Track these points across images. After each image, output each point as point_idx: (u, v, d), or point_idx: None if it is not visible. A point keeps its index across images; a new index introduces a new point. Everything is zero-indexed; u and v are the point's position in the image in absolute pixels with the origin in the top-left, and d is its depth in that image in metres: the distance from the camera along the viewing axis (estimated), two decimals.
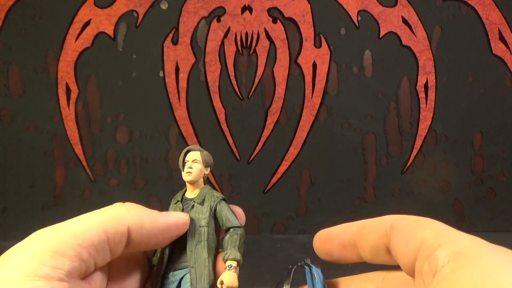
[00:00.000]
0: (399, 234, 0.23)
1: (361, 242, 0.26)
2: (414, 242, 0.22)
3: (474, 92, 0.69)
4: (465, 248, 0.20)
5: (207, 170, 0.30)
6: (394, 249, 0.24)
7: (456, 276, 0.18)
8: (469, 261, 0.19)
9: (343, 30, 0.67)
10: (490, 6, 0.68)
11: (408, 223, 0.24)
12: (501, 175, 0.71)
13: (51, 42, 0.65)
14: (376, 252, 0.25)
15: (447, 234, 0.21)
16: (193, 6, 0.66)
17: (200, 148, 0.30)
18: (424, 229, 0.22)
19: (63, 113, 0.66)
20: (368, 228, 0.26)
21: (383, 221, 0.25)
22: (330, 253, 0.28)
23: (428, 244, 0.21)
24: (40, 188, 0.67)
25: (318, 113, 0.69)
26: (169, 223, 0.26)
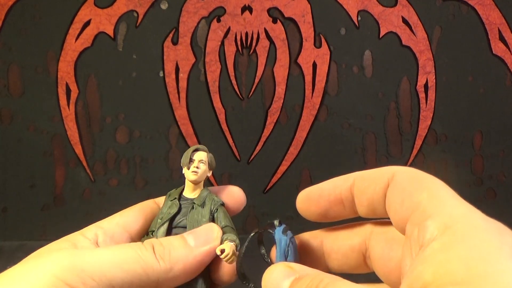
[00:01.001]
0: (396, 190, 0.22)
1: (360, 195, 0.24)
2: (409, 204, 0.20)
3: (474, 92, 0.69)
4: (457, 223, 0.18)
5: (209, 172, 0.30)
6: (388, 205, 0.22)
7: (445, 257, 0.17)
8: (459, 240, 0.17)
9: (343, 30, 0.67)
10: (490, 6, 0.68)
11: (408, 179, 0.22)
12: (501, 175, 0.71)
13: (51, 42, 0.65)
14: (375, 206, 0.23)
15: (442, 201, 0.20)
16: (193, 6, 0.66)
17: (207, 150, 0.30)
18: (422, 191, 0.21)
19: (63, 113, 0.66)
20: (367, 180, 0.24)
21: (384, 172, 0.23)
22: (322, 212, 0.25)
23: (421, 209, 0.20)
24: (40, 188, 0.67)
25: (318, 113, 0.69)
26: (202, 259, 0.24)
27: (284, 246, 0.26)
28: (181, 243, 0.24)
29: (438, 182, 0.21)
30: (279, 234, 0.26)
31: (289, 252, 0.26)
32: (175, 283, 0.24)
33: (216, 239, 0.25)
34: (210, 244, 0.25)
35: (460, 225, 0.18)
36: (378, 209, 0.23)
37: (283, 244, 0.26)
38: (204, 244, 0.24)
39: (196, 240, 0.25)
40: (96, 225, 0.27)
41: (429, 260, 0.17)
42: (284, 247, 0.26)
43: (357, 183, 0.24)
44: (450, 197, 0.20)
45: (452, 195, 0.20)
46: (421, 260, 0.18)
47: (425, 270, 0.17)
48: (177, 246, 0.24)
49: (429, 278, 0.17)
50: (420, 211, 0.20)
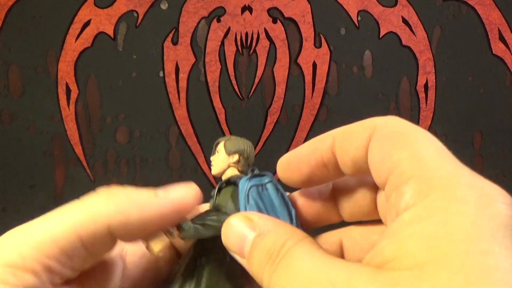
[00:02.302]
0: (376, 146, 0.19)
1: (342, 155, 0.21)
2: (388, 163, 0.18)
3: (474, 92, 0.69)
4: (436, 190, 0.15)
5: (232, 157, 0.27)
6: (370, 162, 0.19)
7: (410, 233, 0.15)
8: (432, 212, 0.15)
9: (343, 30, 0.67)
10: (490, 6, 0.68)
11: (388, 134, 0.19)
12: (501, 175, 0.71)
13: (51, 42, 0.65)
14: (360, 165, 0.20)
15: (424, 161, 0.17)
16: (193, 6, 0.66)
17: (229, 137, 0.27)
18: (403, 148, 0.17)
19: (63, 113, 0.66)
20: (348, 137, 0.21)
21: (366, 126, 0.20)
22: (304, 178, 0.22)
23: (400, 171, 0.17)
24: (40, 188, 0.67)
25: (318, 113, 0.69)
26: (166, 208, 0.21)
27: (244, 194, 0.22)
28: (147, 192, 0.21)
29: (423, 136, 0.18)
30: (243, 181, 0.23)
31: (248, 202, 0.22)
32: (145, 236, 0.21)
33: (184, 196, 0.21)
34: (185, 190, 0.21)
35: (437, 194, 0.15)
36: (363, 168, 0.20)
37: (243, 192, 0.23)
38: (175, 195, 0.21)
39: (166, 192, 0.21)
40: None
41: (394, 235, 0.15)
42: (243, 194, 0.23)
43: (338, 141, 0.21)
44: (434, 156, 0.17)
45: (437, 152, 0.17)
46: (388, 233, 0.16)
47: (387, 246, 0.15)
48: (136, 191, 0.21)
49: (389, 256, 0.15)
50: (398, 173, 0.17)
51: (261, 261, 0.18)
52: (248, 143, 0.27)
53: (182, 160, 0.68)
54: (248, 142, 0.27)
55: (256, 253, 0.19)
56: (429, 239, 0.14)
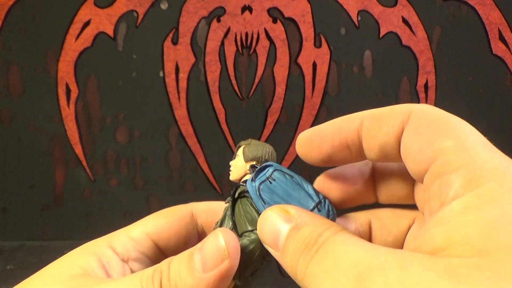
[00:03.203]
0: (413, 134, 0.18)
1: (369, 139, 0.20)
2: (429, 151, 0.17)
3: (474, 92, 0.69)
4: (487, 180, 0.15)
5: (248, 164, 0.25)
6: (404, 152, 0.19)
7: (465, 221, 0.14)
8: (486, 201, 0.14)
9: (343, 30, 0.67)
10: (490, 6, 0.68)
11: (428, 121, 0.18)
12: None
13: (51, 42, 0.65)
14: (387, 151, 0.20)
15: (472, 151, 0.16)
16: (193, 6, 0.66)
17: (251, 141, 0.26)
18: (446, 137, 0.17)
19: (63, 113, 0.66)
20: (378, 121, 0.20)
21: (399, 112, 0.19)
22: (325, 157, 0.22)
23: (445, 159, 0.16)
24: (40, 188, 0.67)
25: (318, 113, 0.69)
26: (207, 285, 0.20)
27: (255, 196, 0.22)
28: (189, 272, 0.20)
29: (466, 125, 0.18)
30: (249, 184, 0.22)
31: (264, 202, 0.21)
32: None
33: (225, 257, 0.20)
34: (220, 267, 0.20)
35: (490, 184, 0.15)
36: (390, 154, 0.20)
37: (253, 194, 0.22)
38: (213, 266, 0.20)
39: (203, 262, 0.20)
40: (128, 234, 0.25)
41: (446, 223, 0.15)
42: (255, 197, 0.22)
43: (366, 125, 0.21)
44: (481, 146, 0.17)
45: (483, 143, 0.17)
46: (437, 221, 0.15)
47: (437, 233, 0.15)
48: (185, 277, 0.20)
49: (441, 244, 0.14)
50: (443, 162, 0.17)
51: (296, 251, 0.18)
52: (267, 149, 0.26)
53: (182, 160, 0.68)
54: (268, 148, 0.26)
55: (291, 243, 0.18)
56: (488, 227, 0.14)
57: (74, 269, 0.21)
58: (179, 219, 0.26)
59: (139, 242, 0.25)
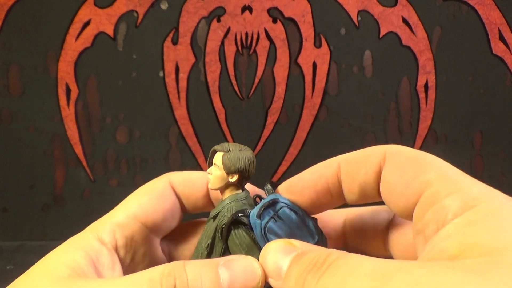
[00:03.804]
0: (395, 172, 0.19)
1: (348, 181, 0.21)
2: (416, 184, 0.18)
3: (474, 92, 0.69)
4: (480, 201, 0.17)
5: (231, 177, 0.24)
6: (386, 190, 0.20)
7: (472, 231, 0.15)
8: (486, 216, 0.16)
9: (343, 30, 0.67)
10: (490, 6, 0.68)
11: (406, 159, 0.20)
12: (501, 175, 0.71)
13: (51, 42, 0.65)
14: (367, 191, 0.21)
15: (456, 180, 0.18)
16: (193, 6, 0.66)
17: (228, 148, 0.24)
18: (429, 170, 0.19)
19: (63, 113, 0.66)
20: (355, 164, 0.21)
21: (374, 153, 0.21)
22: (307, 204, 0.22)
23: (434, 189, 0.18)
24: (40, 188, 0.67)
25: (318, 113, 0.69)
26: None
27: (260, 233, 0.21)
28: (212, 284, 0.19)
29: (441, 160, 0.19)
30: (253, 219, 0.21)
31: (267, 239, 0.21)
32: None
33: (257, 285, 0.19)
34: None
35: (484, 204, 0.16)
36: (370, 194, 0.21)
37: (258, 231, 0.21)
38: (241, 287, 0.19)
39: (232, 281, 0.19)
40: (112, 221, 0.24)
41: (454, 235, 0.16)
42: (259, 234, 0.21)
43: (344, 168, 0.22)
44: (462, 176, 0.18)
45: (461, 173, 0.19)
46: (443, 236, 0.16)
47: (449, 245, 0.16)
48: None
49: (454, 252, 0.15)
50: (433, 192, 0.18)
51: (301, 272, 0.18)
52: (249, 157, 0.24)
53: (182, 160, 0.68)
54: (250, 156, 0.24)
55: (296, 267, 0.18)
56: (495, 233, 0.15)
57: (61, 270, 0.20)
58: (160, 195, 0.26)
59: (126, 226, 0.25)
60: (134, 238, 0.25)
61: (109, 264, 0.23)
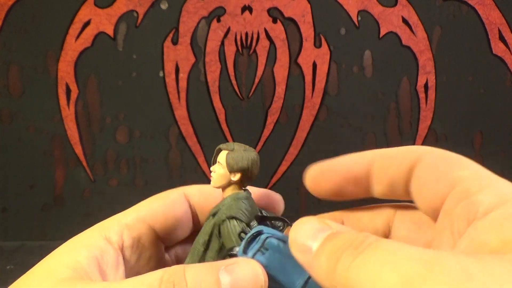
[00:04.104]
0: (428, 167, 0.20)
1: (380, 174, 0.21)
2: (447, 180, 0.18)
3: (474, 92, 0.69)
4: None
5: (234, 175, 0.24)
6: (418, 184, 0.20)
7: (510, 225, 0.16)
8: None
9: (343, 30, 0.67)
10: (490, 6, 0.68)
11: (440, 157, 0.20)
12: (501, 175, 0.71)
13: (51, 42, 0.65)
14: (395, 186, 0.21)
15: (488, 177, 0.18)
16: (193, 6, 0.66)
17: (233, 147, 0.24)
18: (461, 167, 0.19)
19: (63, 113, 0.66)
20: (390, 159, 0.21)
21: (410, 152, 0.21)
22: (335, 189, 0.22)
23: (466, 184, 0.18)
24: (40, 188, 0.67)
25: (318, 113, 0.69)
26: None
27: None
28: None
29: (474, 163, 0.19)
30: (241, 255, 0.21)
31: None
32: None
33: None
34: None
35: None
36: (398, 190, 0.21)
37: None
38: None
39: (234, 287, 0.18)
40: (120, 222, 0.24)
41: (493, 229, 0.16)
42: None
43: (378, 161, 0.22)
44: (494, 176, 0.19)
45: (494, 175, 0.19)
46: (482, 230, 0.16)
47: (490, 238, 0.16)
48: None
49: (497, 245, 0.15)
50: (464, 187, 0.18)
51: (336, 250, 0.17)
52: (252, 157, 0.24)
53: (182, 160, 0.68)
54: (253, 156, 0.24)
55: (329, 244, 0.17)
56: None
57: (63, 271, 0.20)
58: (173, 202, 0.26)
59: (134, 227, 0.24)
60: (141, 240, 0.25)
61: (113, 263, 0.23)
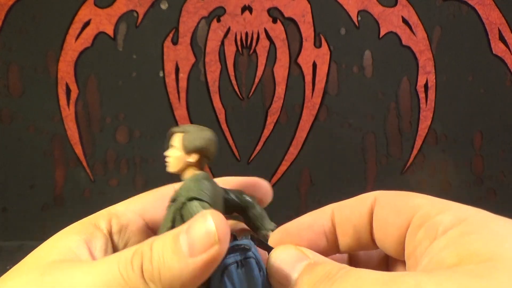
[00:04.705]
0: (386, 205, 0.20)
1: (343, 224, 0.22)
2: (407, 210, 0.19)
3: (474, 92, 0.69)
4: (470, 216, 0.18)
5: (191, 156, 0.23)
6: (379, 223, 0.20)
7: (465, 242, 0.16)
8: (477, 228, 0.17)
9: (343, 30, 0.67)
10: (490, 6, 0.68)
11: (395, 194, 0.21)
12: (501, 175, 0.71)
13: (51, 42, 0.65)
14: (360, 233, 0.21)
15: (444, 202, 0.19)
16: (193, 6, 0.66)
17: (187, 128, 0.23)
18: (416, 198, 0.20)
19: (63, 113, 0.66)
20: (348, 207, 0.22)
21: (365, 197, 0.22)
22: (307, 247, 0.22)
23: (424, 211, 0.19)
24: (40, 188, 0.67)
25: (318, 113, 0.69)
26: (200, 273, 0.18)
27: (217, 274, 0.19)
28: (174, 255, 0.19)
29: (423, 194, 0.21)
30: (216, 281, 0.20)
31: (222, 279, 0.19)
32: None
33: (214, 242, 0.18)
34: (208, 252, 0.18)
35: (473, 217, 0.18)
36: (363, 238, 0.21)
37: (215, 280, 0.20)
38: (201, 251, 0.18)
39: (191, 246, 0.18)
40: (110, 211, 0.25)
41: (450, 246, 0.17)
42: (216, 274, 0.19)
43: (338, 212, 0.22)
44: (447, 201, 0.20)
45: (447, 200, 0.20)
46: (440, 248, 0.17)
47: (447, 255, 0.17)
48: (170, 260, 0.18)
49: (453, 260, 0.16)
50: (423, 213, 0.19)
51: (315, 282, 0.18)
52: (209, 136, 0.23)
53: None
54: (210, 135, 0.23)
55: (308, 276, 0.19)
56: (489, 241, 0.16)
57: (52, 255, 0.21)
58: (162, 194, 0.27)
59: (123, 215, 0.25)
60: (130, 227, 0.25)
61: (102, 246, 0.23)
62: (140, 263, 0.19)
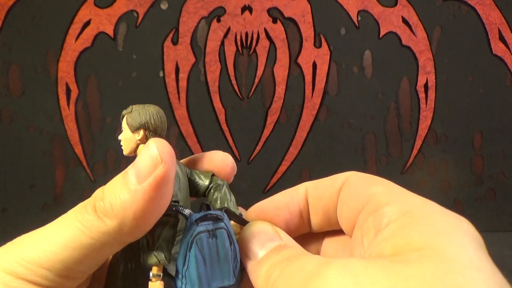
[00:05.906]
0: (349, 188, 0.21)
1: (315, 203, 0.22)
2: (363, 196, 0.20)
3: (474, 92, 0.69)
4: (415, 208, 0.18)
5: (138, 134, 0.23)
6: (340, 205, 0.21)
7: (402, 233, 0.17)
8: (418, 220, 0.18)
9: (343, 30, 0.67)
10: (490, 6, 0.68)
11: (361, 178, 0.21)
12: (501, 175, 0.71)
13: (51, 42, 0.65)
14: (330, 213, 0.22)
15: (398, 193, 0.20)
16: (193, 6, 0.66)
17: (130, 109, 0.23)
18: (376, 185, 0.20)
19: (63, 113, 0.66)
20: (321, 187, 0.22)
21: (338, 177, 0.22)
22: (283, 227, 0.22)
23: (377, 199, 0.20)
24: (40, 188, 0.67)
25: (318, 113, 0.69)
26: (151, 197, 0.19)
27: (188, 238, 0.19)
28: (123, 186, 0.19)
29: (392, 183, 0.21)
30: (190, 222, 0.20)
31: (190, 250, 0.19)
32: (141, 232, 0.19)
33: (158, 163, 0.19)
34: (154, 174, 0.19)
35: (418, 210, 0.18)
36: (332, 217, 0.22)
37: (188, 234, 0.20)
38: (147, 175, 0.19)
39: (137, 173, 0.19)
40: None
41: (388, 238, 0.17)
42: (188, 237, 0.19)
43: (311, 191, 0.23)
44: (405, 191, 0.20)
45: (407, 191, 0.20)
46: (380, 240, 0.18)
47: (384, 247, 0.17)
48: (119, 192, 0.19)
49: (390, 252, 0.17)
50: (376, 201, 0.20)
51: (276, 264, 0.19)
52: (151, 111, 0.23)
53: None
54: (152, 110, 0.23)
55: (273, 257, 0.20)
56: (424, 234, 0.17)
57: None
58: None
59: None
60: None
61: None
62: (93, 204, 0.20)
